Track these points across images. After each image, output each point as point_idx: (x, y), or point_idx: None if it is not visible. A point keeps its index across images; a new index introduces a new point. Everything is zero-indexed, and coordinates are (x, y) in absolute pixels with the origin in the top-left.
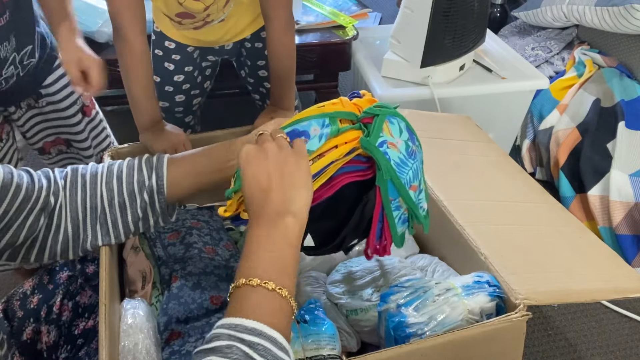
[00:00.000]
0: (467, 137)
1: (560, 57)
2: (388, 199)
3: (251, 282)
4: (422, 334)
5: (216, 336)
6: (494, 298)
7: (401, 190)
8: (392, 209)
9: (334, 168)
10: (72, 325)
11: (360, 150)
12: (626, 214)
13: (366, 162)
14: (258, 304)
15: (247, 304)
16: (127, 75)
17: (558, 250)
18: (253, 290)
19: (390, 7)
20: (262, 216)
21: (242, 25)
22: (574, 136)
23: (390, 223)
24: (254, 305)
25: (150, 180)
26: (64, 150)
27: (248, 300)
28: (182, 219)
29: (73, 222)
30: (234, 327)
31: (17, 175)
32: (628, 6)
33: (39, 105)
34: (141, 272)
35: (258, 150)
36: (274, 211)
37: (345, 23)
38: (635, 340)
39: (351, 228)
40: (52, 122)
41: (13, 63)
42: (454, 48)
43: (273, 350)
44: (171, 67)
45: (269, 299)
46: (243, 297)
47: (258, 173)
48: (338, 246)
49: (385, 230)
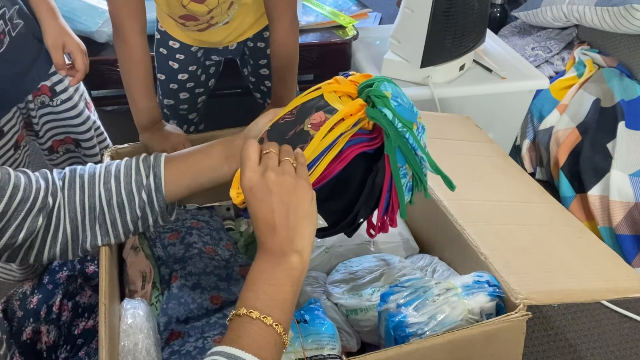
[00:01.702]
0: (467, 137)
1: (560, 57)
2: (397, 166)
3: (251, 314)
4: (422, 333)
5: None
6: (493, 298)
7: (409, 155)
8: (400, 176)
9: (343, 140)
10: (72, 325)
11: (364, 121)
12: (626, 214)
13: (371, 133)
14: (255, 337)
15: (245, 335)
16: (127, 75)
17: (558, 250)
18: (252, 322)
19: (390, 7)
20: (267, 250)
21: (246, 26)
22: (574, 136)
23: (399, 191)
24: (251, 337)
25: (148, 179)
26: (72, 150)
27: (246, 331)
28: (182, 219)
29: (72, 223)
30: (232, 357)
31: (15, 176)
32: (628, 6)
33: (53, 104)
34: (141, 272)
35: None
36: (279, 249)
37: (345, 23)
38: (635, 340)
39: (363, 201)
40: (63, 120)
41: (2, 18)
42: (454, 48)
43: None
44: (175, 66)
45: (265, 334)
46: (242, 327)
47: (262, 208)
48: (350, 223)
49: (392, 200)
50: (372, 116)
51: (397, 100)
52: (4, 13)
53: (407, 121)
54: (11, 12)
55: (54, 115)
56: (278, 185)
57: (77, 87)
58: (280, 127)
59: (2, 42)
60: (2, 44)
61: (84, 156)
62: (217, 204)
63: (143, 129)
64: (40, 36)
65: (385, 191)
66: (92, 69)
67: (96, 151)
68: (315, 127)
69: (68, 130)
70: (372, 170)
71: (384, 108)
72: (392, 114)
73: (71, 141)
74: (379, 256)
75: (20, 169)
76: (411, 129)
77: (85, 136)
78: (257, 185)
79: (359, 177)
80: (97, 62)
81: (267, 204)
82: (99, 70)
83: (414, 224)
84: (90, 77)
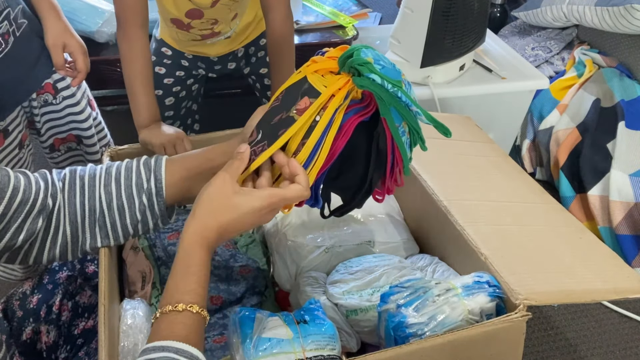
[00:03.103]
0: (467, 137)
1: (560, 57)
2: (395, 126)
3: (192, 309)
4: (422, 334)
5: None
6: (494, 298)
7: (404, 112)
8: (400, 135)
9: (340, 115)
10: (72, 325)
11: (353, 92)
12: (626, 214)
13: (362, 101)
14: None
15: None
16: (128, 69)
17: (558, 251)
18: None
19: (390, 7)
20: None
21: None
22: (574, 136)
23: (402, 150)
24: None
25: (148, 182)
26: (74, 148)
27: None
28: (182, 219)
29: (72, 225)
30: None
31: (14, 177)
32: (628, 6)
33: (55, 102)
34: (141, 273)
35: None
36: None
37: (345, 23)
38: (635, 340)
39: (373, 167)
40: (65, 118)
41: (7, 18)
42: (454, 48)
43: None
44: (162, 71)
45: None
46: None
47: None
48: (367, 191)
49: (397, 158)
50: (361, 84)
51: (380, 63)
52: (9, 13)
53: (395, 81)
54: (15, 12)
55: (56, 114)
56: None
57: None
58: (268, 114)
59: (7, 42)
60: (7, 44)
61: (86, 154)
62: None
63: (142, 127)
64: (43, 35)
65: (390, 153)
66: (93, 69)
67: (97, 149)
68: (300, 113)
69: (70, 127)
70: (373, 136)
71: (370, 74)
72: (380, 78)
73: (73, 139)
74: (379, 256)
75: (19, 170)
76: (401, 87)
77: (87, 133)
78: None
79: (363, 146)
80: (97, 62)
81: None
82: (100, 70)
83: (414, 224)
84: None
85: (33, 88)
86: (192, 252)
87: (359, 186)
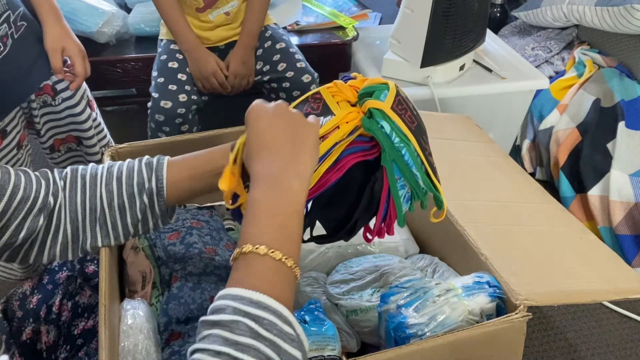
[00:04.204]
0: (467, 137)
1: (560, 57)
2: (394, 178)
3: (258, 250)
4: (423, 334)
5: (221, 308)
6: (494, 299)
7: (405, 170)
8: (397, 188)
9: (339, 149)
10: (72, 325)
11: (362, 129)
12: (626, 214)
13: (370, 140)
14: (264, 274)
15: (252, 274)
16: (161, 6)
17: (558, 251)
18: (259, 258)
19: (390, 7)
20: (266, 176)
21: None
22: (574, 136)
23: (396, 202)
24: (259, 275)
25: (150, 182)
26: (74, 148)
27: (253, 269)
28: (182, 219)
29: (72, 223)
30: (239, 299)
31: (15, 175)
32: (628, 6)
33: (54, 103)
34: (141, 272)
35: (270, 111)
36: (278, 171)
37: (345, 24)
38: (635, 340)
39: (362, 210)
40: (64, 119)
41: (7, 21)
42: (454, 48)
43: (278, 324)
44: (175, 66)
45: (274, 269)
46: (248, 266)
47: (267, 129)
48: (350, 231)
49: (390, 210)
50: (367, 127)
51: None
52: (9, 16)
53: (404, 135)
54: (15, 15)
55: (55, 115)
56: (286, 112)
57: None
58: None
59: (5, 44)
60: (5, 46)
61: (86, 154)
62: (217, 203)
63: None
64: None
65: (384, 201)
66: (93, 70)
67: (97, 149)
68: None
69: (70, 128)
70: (372, 177)
71: (382, 120)
72: (390, 127)
73: (73, 140)
74: (379, 257)
75: (20, 168)
76: (408, 144)
77: (87, 134)
78: (265, 111)
79: (358, 183)
80: (97, 63)
81: (274, 125)
82: (100, 70)
83: (414, 224)
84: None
85: (30, 90)
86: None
87: (342, 222)
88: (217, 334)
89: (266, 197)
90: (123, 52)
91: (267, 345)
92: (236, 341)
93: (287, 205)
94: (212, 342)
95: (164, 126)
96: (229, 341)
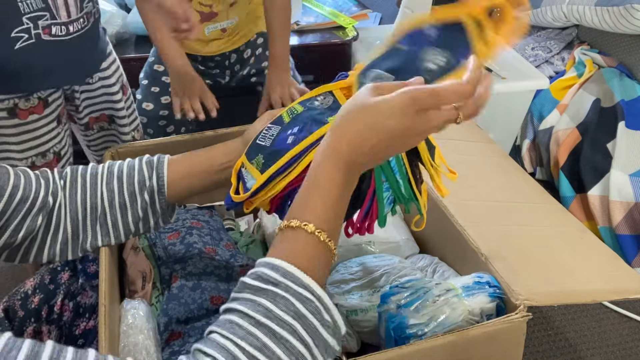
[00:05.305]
0: (467, 137)
1: (560, 57)
2: (381, 180)
3: (306, 227)
4: (423, 334)
5: (269, 280)
6: (494, 299)
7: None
8: (383, 190)
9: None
10: (73, 326)
11: None
12: (626, 214)
13: None
14: (309, 254)
15: (300, 251)
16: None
17: (558, 251)
18: (307, 236)
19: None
20: (348, 162)
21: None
22: (574, 136)
23: (379, 204)
24: (307, 255)
25: (150, 180)
26: (106, 127)
27: (302, 246)
28: (182, 219)
29: (72, 222)
30: (290, 276)
31: (14, 175)
32: (628, 6)
33: (92, 81)
34: (141, 272)
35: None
36: (361, 165)
37: (345, 24)
38: (635, 340)
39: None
40: (99, 97)
41: (92, 1)
42: None
43: (322, 312)
44: (161, 69)
45: (320, 251)
46: (296, 241)
47: (380, 126)
48: None
49: (372, 210)
50: None
51: None
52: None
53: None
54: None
55: (91, 93)
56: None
57: (116, 70)
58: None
59: (89, 21)
60: (88, 22)
61: (119, 134)
62: (217, 203)
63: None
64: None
65: (368, 199)
66: None
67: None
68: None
69: (103, 107)
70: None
71: None
72: None
73: (106, 118)
74: (379, 257)
75: (20, 168)
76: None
77: (120, 113)
78: (392, 111)
79: None
80: None
81: (388, 126)
82: None
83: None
84: None
85: (89, 72)
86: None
87: None
88: (262, 303)
89: (337, 180)
90: (123, 52)
91: (305, 328)
92: (279, 316)
93: (349, 193)
94: (256, 310)
95: (148, 128)
96: (272, 314)
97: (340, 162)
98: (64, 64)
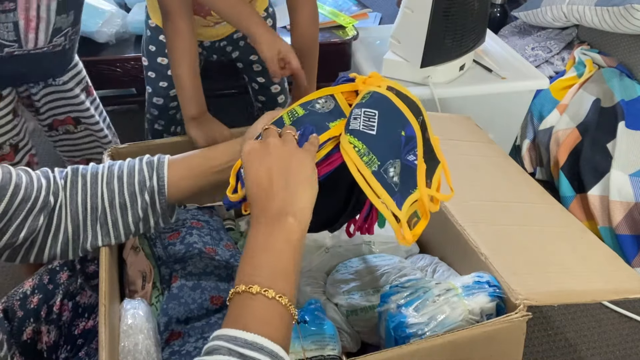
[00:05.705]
0: (467, 137)
1: (560, 57)
2: None
3: (251, 290)
4: (423, 334)
5: (215, 349)
6: (494, 298)
7: None
8: None
9: (332, 145)
10: (72, 326)
11: None
12: (626, 214)
13: None
14: (257, 313)
15: (246, 313)
16: (175, 59)
17: (558, 251)
18: (253, 298)
19: (390, 7)
20: (262, 217)
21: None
22: (574, 136)
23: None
24: (253, 314)
25: (151, 180)
26: (72, 130)
27: (247, 308)
28: (182, 219)
29: (73, 222)
30: (233, 340)
31: (16, 175)
32: (628, 6)
33: (55, 83)
34: (141, 272)
35: (261, 146)
36: (275, 211)
37: (345, 23)
38: (635, 340)
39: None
40: (59, 100)
41: (65, 35)
42: (454, 48)
43: None
44: (164, 62)
45: (268, 308)
46: (242, 305)
47: (259, 171)
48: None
49: (373, 211)
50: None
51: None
52: (67, 32)
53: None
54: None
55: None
56: (278, 149)
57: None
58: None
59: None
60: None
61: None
62: (217, 203)
63: (190, 119)
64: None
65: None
66: (93, 69)
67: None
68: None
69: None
70: None
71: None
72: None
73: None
74: (379, 256)
75: (22, 168)
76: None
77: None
78: (256, 149)
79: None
80: (97, 62)
81: (265, 165)
82: (99, 70)
83: None
84: (90, 77)
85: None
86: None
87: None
88: None
89: (261, 237)
90: (123, 52)
91: None
92: None
93: (281, 242)
94: None
95: (159, 119)
96: None
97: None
98: (26, 71)
